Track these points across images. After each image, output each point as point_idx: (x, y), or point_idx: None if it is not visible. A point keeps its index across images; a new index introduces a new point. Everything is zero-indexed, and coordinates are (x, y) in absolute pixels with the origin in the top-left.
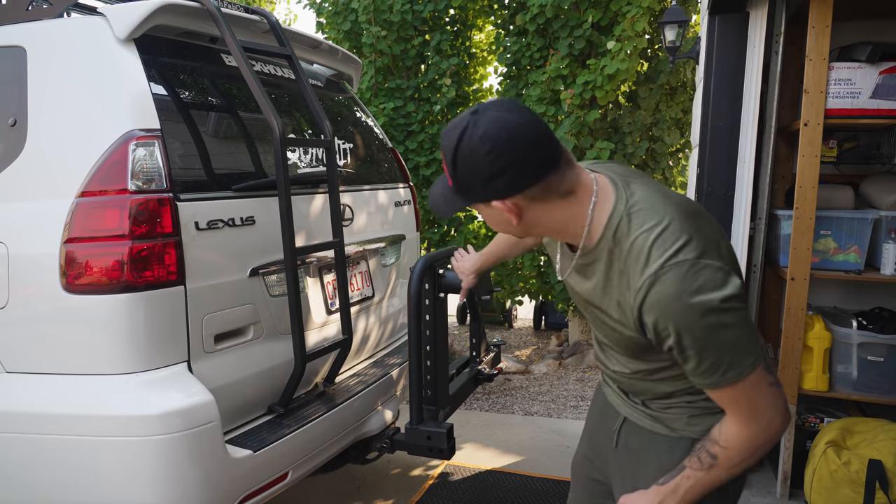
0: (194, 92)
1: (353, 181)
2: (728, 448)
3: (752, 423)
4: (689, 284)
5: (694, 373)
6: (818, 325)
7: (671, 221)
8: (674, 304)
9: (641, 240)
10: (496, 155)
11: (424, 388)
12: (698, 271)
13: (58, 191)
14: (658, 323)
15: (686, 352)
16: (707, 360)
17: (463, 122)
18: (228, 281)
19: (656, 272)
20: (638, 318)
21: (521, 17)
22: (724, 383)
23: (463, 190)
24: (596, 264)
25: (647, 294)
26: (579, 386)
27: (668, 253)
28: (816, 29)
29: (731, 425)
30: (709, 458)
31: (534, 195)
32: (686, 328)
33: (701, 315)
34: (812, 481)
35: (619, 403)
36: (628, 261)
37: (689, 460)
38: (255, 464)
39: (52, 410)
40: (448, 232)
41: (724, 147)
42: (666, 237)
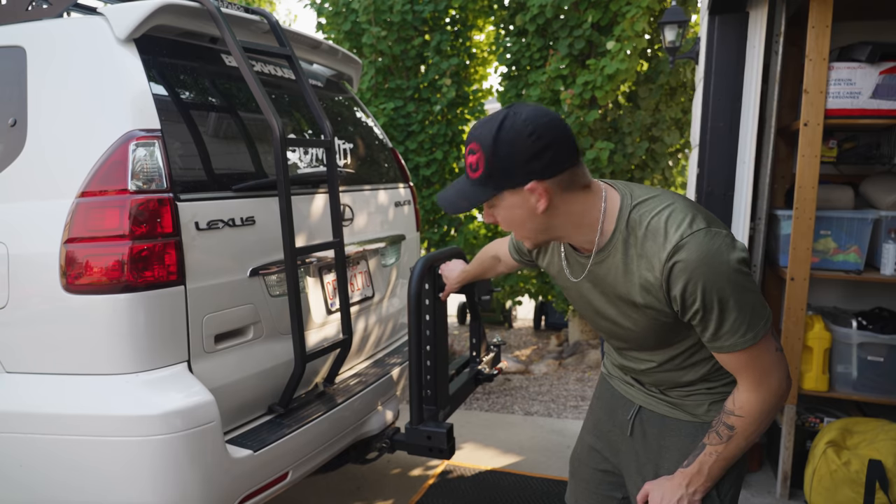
0: (194, 92)
1: (354, 181)
2: (744, 415)
3: (762, 387)
4: (709, 247)
5: (715, 336)
6: (818, 325)
7: (675, 205)
8: (700, 267)
9: (655, 221)
10: (538, 135)
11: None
12: (713, 237)
13: (58, 191)
14: (686, 288)
15: (710, 314)
16: (728, 320)
17: (501, 114)
18: (228, 281)
19: (677, 243)
20: (666, 291)
21: (521, 17)
22: (742, 345)
23: (497, 175)
24: (612, 257)
25: (674, 264)
26: (579, 386)
27: (684, 225)
28: (816, 29)
29: (744, 392)
30: (727, 430)
31: (562, 182)
32: (712, 286)
33: (724, 273)
34: (812, 481)
35: (633, 393)
36: (646, 244)
37: (708, 437)
38: (255, 464)
39: (52, 410)
40: (448, 232)
41: (724, 147)
42: (676, 215)
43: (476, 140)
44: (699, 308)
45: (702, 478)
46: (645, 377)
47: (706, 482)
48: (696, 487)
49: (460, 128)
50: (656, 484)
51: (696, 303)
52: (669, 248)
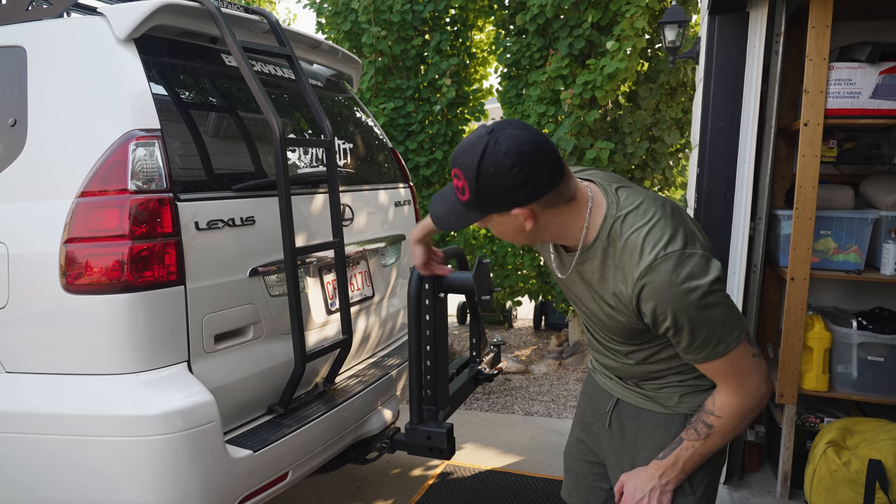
0: (194, 92)
1: (353, 181)
2: (722, 416)
3: (741, 391)
4: (680, 273)
5: (688, 350)
6: (818, 325)
7: (658, 220)
8: (668, 291)
9: (634, 237)
10: (520, 167)
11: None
12: (685, 260)
13: (58, 191)
14: (656, 309)
15: (681, 332)
16: (699, 338)
17: (482, 141)
18: (228, 281)
19: (650, 265)
20: (636, 306)
21: (521, 17)
22: (714, 356)
23: (482, 203)
24: (592, 261)
25: (645, 285)
26: (579, 386)
27: (659, 247)
28: (816, 29)
29: (723, 395)
30: (705, 427)
31: (547, 201)
32: (680, 310)
33: (692, 298)
34: (812, 481)
35: (612, 386)
36: (623, 257)
37: (686, 432)
38: (255, 464)
39: (52, 410)
40: (448, 232)
41: (724, 147)
42: (654, 233)
43: (460, 168)
44: (670, 326)
45: (675, 470)
46: (620, 371)
47: (679, 474)
48: (670, 479)
49: (460, 128)
50: (631, 475)
51: (667, 321)
52: (642, 269)
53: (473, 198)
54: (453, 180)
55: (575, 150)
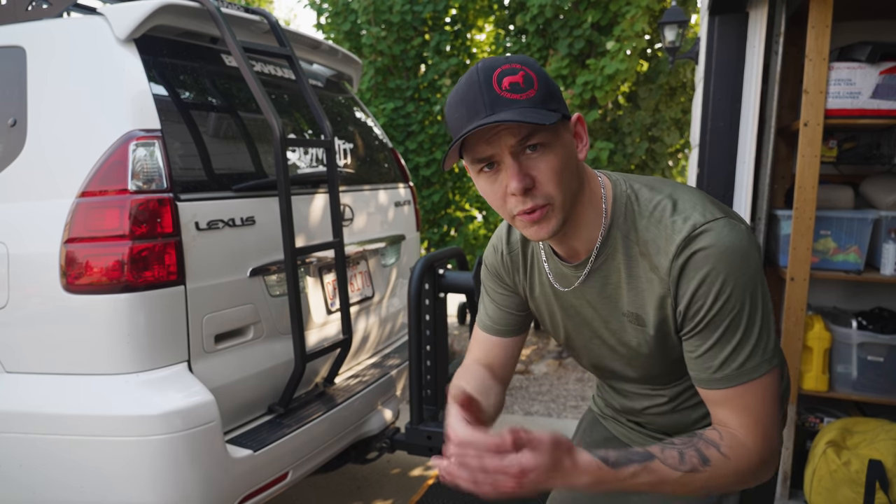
0: (194, 92)
1: (353, 181)
2: (731, 459)
3: (760, 442)
4: (732, 240)
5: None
6: (818, 325)
7: (680, 189)
8: (725, 258)
9: (660, 210)
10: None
11: (424, 388)
12: (733, 228)
13: (58, 191)
14: (702, 284)
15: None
16: (731, 341)
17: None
18: (228, 281)
19: (690, 233)
20: (675, 291)
21: (521, 17)
22: (738, 378)
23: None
24: (611, 261)
25: (691, 255)
26: (579, 386)
27: (696, 213)
28: (816, 29)
29: (741, 435)
30: (698, 460)
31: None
32: (730, 286)
33: (752, 274)
34: (812, 481)
35: (633, 437)
36: (649, 236)
37: (662, 451)
38: (255, 464)
39: (52, 410)
40: (448, 232)
41: (724, 147)
42: (683, 202)
43: (511, 62)
44: (707, 313)
45: (621, 486)
46: (647, 418)
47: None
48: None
49: None
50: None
51: (707, 305)
52: (681, 239)
53: (543, 89)
54: (503, 79)
55: None
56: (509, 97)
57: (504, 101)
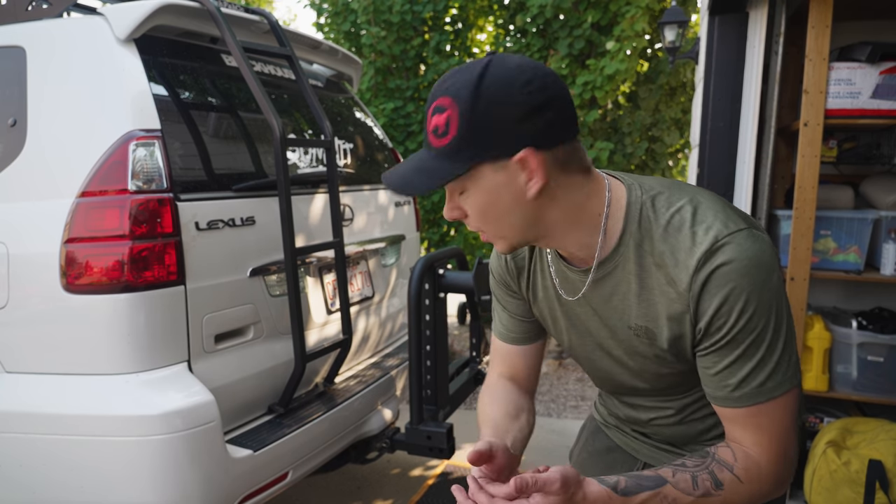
0: (194, 92)
1: (353, 181)
2: (744, 482)
3: (777, 462)
4: (756, 255)
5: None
6: (818, 325)
7: (700, 197)
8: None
9: (678, 219)
10: (538, 87)
11: (424, 388)
12: (756, 241)
13: (58, 191)
14: (726, 300)
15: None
16: (751, 360)
17: (483, 60)
18: (228, 281)
19: (711, 246)
20: (696, 307)
21: (521, 17)
22: (757, 398)
23: (475, 140)
24: (620, 270)
25: (713, 270)
26: (579, 386)
27: (717, 224)
28: (816, 29)
29: (755, 456)
30: (711, 483)
31: (559, 158)
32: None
33: (775, 290)
34: (812, 481)
35: (638, 447)
36: (664, 247)
37: (674, 475)
38: (255, 464)
39: (52, 410)
40: (448, 232)
41: (724, 147)
42: (704, 211)
43: (447, 94)
44: (728, 331)
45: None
46: (653, 429)
47: None
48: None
49: None
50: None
51: (730, 323)
52: (701, 252)
53: (460, 136)
54: (430, 120)
55: None
56: (429, 141)
57: (426, 143)
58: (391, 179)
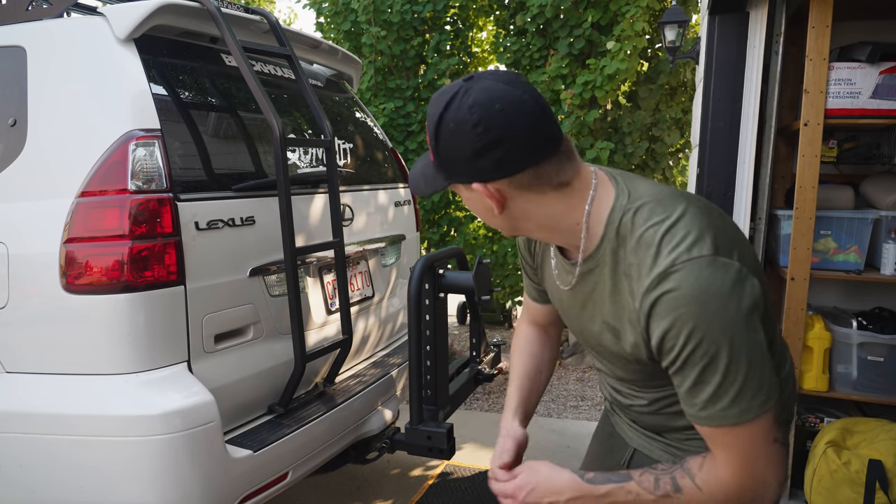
0: (194, 92)
1: (353, 181)
2: (702, 491)
3: (744, 479)
4: (710, 282)
5: (689, 399)
6: (818, 325)
7: (683, 214)
8: (688, 307)
9: (650, 235)
10: (484, 128)
11: (424, 388)
12: (718, 269)
13: (58, 191)
14: (669, 331)
15: (688, 369)
16: (710, 385)
17: (453, 88)
18: (228, 281)
19: (666, 270)
20: (645, 326)
21: (521, 17)
22: (721, 421)
23: (443, 167)
24: (599, 270)
25: (659, 297)
26: (579, 386)
27: (682, 247)
28: (816, 29)
29: (721, 470)
30: (671, 486)
31: (523, 183)
32: (698, 335)
33: (722, 320)
34: (812, 481)
35: (630, 434)
36: (633, 260)
37: (641, 475)
38: (255, 464)
39: (52, 410)
40: (448, 232)
41: (724, 147)
42: (676, 230)
43: (428, 115)
44: (677, 357)
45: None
46: (634, 415)
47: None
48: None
49: None
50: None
51: (675, 350)
52: (655, 274)
53: (436, 160)
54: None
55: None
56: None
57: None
58: (411, 175)
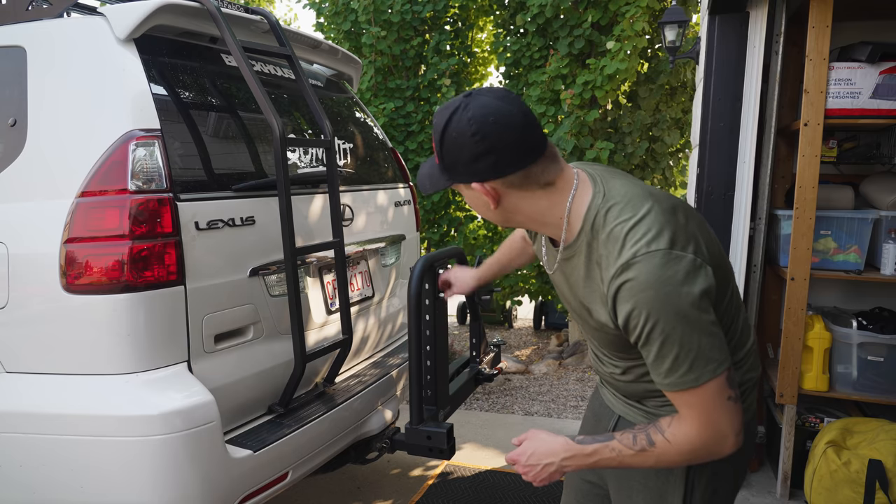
0: (194, 92)
1: (353, 181)
2: (671, 443)
3: (705, 432)
4: (662, 274)
5: (654, 369)
6: (818, 325)
7: (647, 213)
8: (645, 293)
9: (617, 230)
10: (481, 137)
11: (424, 388)
12: (671, 261)
13: (58, 191)
14: (631, 312)
15: (651, 343)
16: (669, 357)
17: (455, 104)
18: (228, 281)
19: (628, 261)
20: (612, 308)
21: (521, 17)
22: (682, 385)
23: (447, 169)
24: (577, 258)
25: (622, 284)
26: (579, 386)
27: (641, 242)
28: (816, 29)
29: (685, 425)
30: (646, 441)
31: (513, 182)
32: (655, 317)
33: (673, 305)
34: (812, 481)
35: (614, 402)
36: (603, 251)
37: (621, 434)
38: (255, 464)
39: (52, 410)
40: (448, 232)
41: (724, 147)
42: (639, 227)
43: (434, 126)
44: (640, 334)
45: (586, 461)
46: (618, 387)
47: (587, 466)
48: (572, 464)
49: None
50: (536, 437)
51: (637, 329)
52: (618, 265)
53: (441, 162)
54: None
55: (575, 150)
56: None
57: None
58: (419, 176)
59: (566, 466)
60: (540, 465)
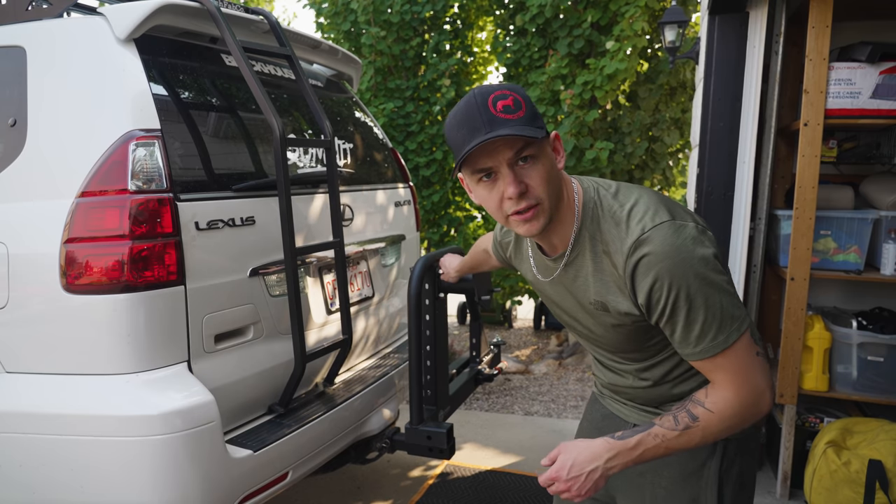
0: (194, 92)
1: (353, 181)
2: (714, 412)
3: (742, 390)
4: (675, 240)
5: (684, 340)
6: (818, 325)
7: (640, 196)
8: (665, 261)
9: (619, 213)
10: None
11: (424, 388)
12: (678, 229)
13: (58, 191)
14: (655, 283)
15: (677, 314)
16: (697, 323)
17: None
18: (228, 281)
19: (639, 237)
20: (632, 288)
21: (521, 17)
22: (714, 350)
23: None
24: (581, 256)
25: (640, 259)
26: (579, 386)
27: (647, 217)
28: (816, 29)
29: (722, 390)
30: (688, 418)
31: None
32: (679, 284)
33: (691, 268)
34: (812, 481)
35: (627, 412)
36: (608, 238)
37: (661, 419)
38: (255, 464)
39: (52, 410)
40: (448, 232)
41: (724, 147)
42: (639, 208)
43: (501, 89)
44: (665, 307)
45: (630, 456)
46: (636, 395)
47: (632, 462)
48: (617, 463)
49: None
50: (571, 446)
51: (661, 301)
52: (631, 242)
53: (528, 113)
54: (497, 102)
55: (575, 150)
56: (503, 117)
57: (499, 120)
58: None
59: (611, 468)
60: (584, 473)
